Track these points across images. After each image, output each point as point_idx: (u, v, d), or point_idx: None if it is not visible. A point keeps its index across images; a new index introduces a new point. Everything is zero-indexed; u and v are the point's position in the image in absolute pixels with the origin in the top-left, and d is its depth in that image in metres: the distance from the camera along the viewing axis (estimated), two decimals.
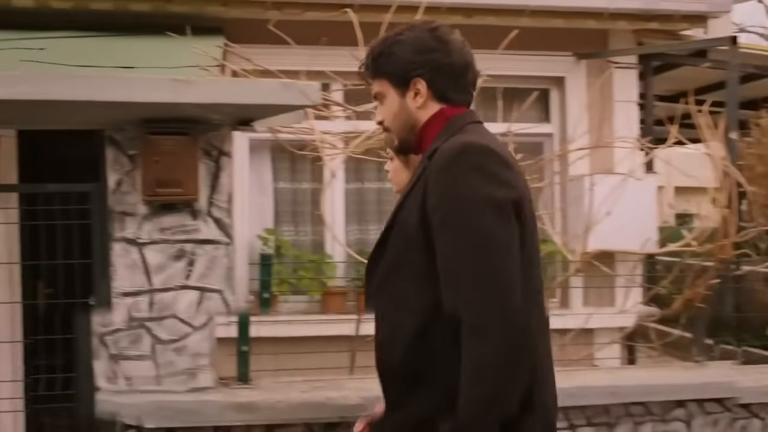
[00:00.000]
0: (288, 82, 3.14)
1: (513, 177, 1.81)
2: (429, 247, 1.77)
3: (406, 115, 1.96)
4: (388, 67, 1.95)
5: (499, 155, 1.82)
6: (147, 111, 3.18)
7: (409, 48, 1.92)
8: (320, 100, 3.19)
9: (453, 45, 1.94)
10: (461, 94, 1.96)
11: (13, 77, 2.96)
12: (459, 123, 1.91)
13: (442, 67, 1.91)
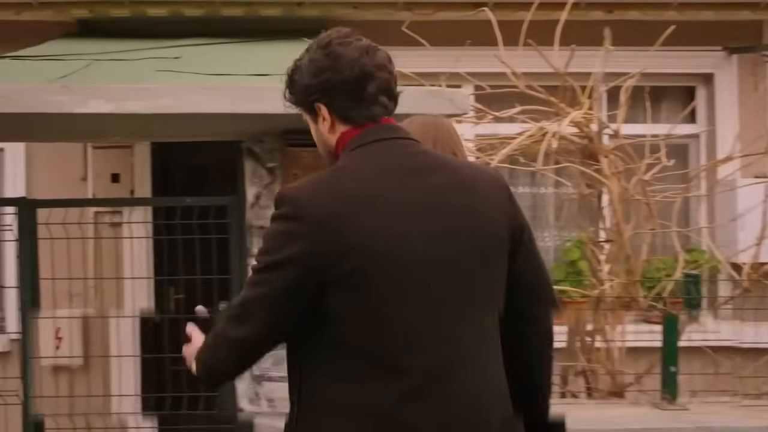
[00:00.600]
0: (436, 90, 2.94)
1: (298, 230, 1.65)
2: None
3: (322, 141, 1.87)
4: (295, 96, 1.87)
5: (294, 204, 1.68)
6: (287, 122, 3.03)
7: (306, 73, 1.81)
8: (469, 108, 2.97)
9: (345, 59, 1.78)
10: (364, 110, 1.80)
11: (153, 90, 2.89)
12: (349, 148, 1.79)
13: (335, 87, 1.78)
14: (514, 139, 4.20)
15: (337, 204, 1.66)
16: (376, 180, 1.73)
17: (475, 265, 1.74)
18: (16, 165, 5.61)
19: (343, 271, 1.63)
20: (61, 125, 3.15)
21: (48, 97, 2.87)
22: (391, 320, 1.66)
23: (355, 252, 1.63)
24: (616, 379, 3.84)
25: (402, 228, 1.68)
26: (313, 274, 1.63)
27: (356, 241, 1.64)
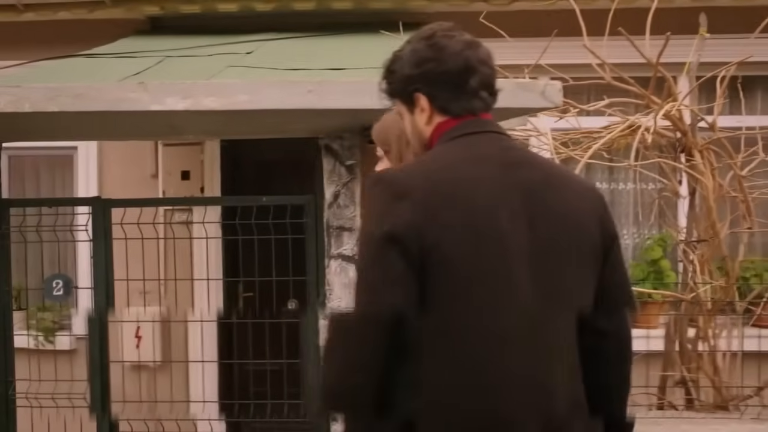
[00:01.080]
0: (525, 82, 2.77)
1: (403, 209, 1.64)
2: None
3: (418, 132, 1.87)
4: (394, 86, 1.88)
5: (396, 184, 1.69)
6: (369, 118, 2.90)
7: (406, 63, 1.82)
8: (561, 102, 2.79)
9: (449, 50, 1.79)
10: (464, 102, 1.80)
11: (231, 86, 2.78)
12: (445, 138, 1.80)
13: (438, 78, 1.80)
14: (598, 133, 4.01)
15: (433, 186, 1.67)
16: (473, 169, 1.72)
17: (565, 263, 1.72)
18: (88, 163, 5.62)
19: (438, 252, 1.62)
20: (136, 123, 3.08)
21: (124, 95, 2.79)
22: (479, 311, 1.64)
23: (449, 234, 1.63)
24: (722, 390, 3.60)
25: (495, 216, 1.67)
26: (413, 251, 1.61)
27: (452, 225, 1.63)
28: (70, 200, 4.30)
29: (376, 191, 1.70)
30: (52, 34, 5.27)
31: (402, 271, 1.61)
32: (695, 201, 3.90)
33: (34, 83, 2.88)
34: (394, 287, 1.61)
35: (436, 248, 1.62)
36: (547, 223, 1.71)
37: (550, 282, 1.70)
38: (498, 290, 1.65)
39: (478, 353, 1.64)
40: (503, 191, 1.70)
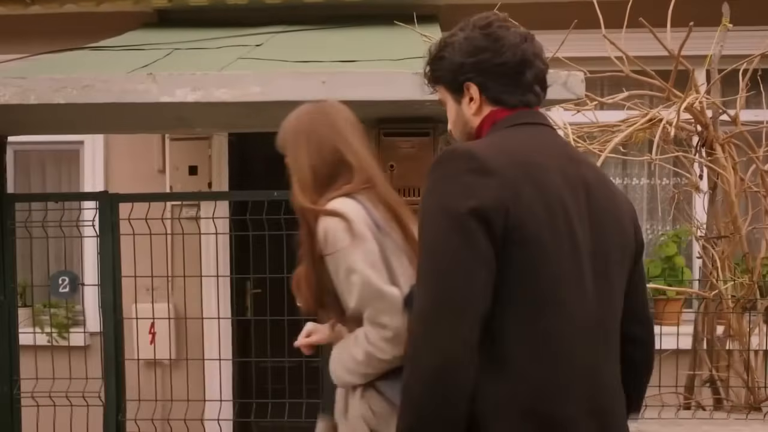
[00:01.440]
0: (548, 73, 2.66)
1: (488, 184, 1.58)
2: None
3: (463, 121, 1.82)
4: (441, 72, 1.83)
5: (478, 159, 1.60)
6: (384, 110, 2.82)
7: (458, 51, 1.78)
8: (583, 93, 2.70)
9: (506, 42, 1.75)
10: (519, 95, 1.77)
11: (243, 77, 2.70)
12: (500, 126, 1.75)
13: (493, 69, 1.75)
14: (616, 126, 3.91)
15: (514, 164, 1.62)
16: (544, 157, 1.68)
17: (617, 266, 1.72)
18: (95, 158, 5.55)
19: (519, 232, 1.57)
20: (144, 115, 3.00)
21: (133, 86, 2.71)
22: (562, 303, 1.61)
23: (530, 215, 1.58)
24: (754, 390, 3.51)
25: (566, 205, 1.64)
26: (497, 229, 1.56)
27: (531, 204, 1.59)
28: (76, 195, 4.22)
29: (454, 164, 1.61)
30: (59, 27, 5.19)
31: (488, 249, 1.55)
32: (716, 196, 3.80)
33: (39, 75, 2.80)
34: (482, 268, 1.55)
35: (519, 228, 1.57)
36: (603, 222, 1.69)
37: (605, 283, 1.68)
38: (573, 284, 1.62)
39: (559, 349, 1.61)
40: (571, 183, 1.67)
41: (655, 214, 5.90)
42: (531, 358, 1.59)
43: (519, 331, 1.59)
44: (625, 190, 5.89)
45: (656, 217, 5.91)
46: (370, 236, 1.99)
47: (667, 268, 5.47)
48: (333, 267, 2.00)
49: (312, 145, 2.15)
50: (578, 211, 1.66)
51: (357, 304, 1.97)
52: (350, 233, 1.96)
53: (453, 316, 1.53)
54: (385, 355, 1.95)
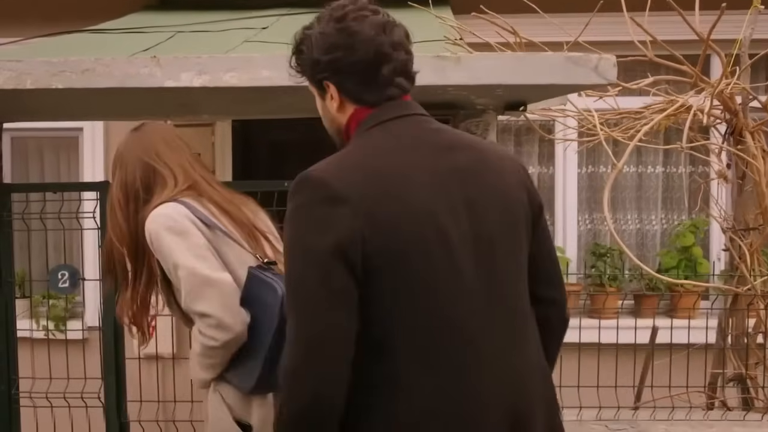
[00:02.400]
0: (577, 56, 2.51)
1: (339, 215, 1.55)
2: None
3: (330, 117, 1.79)
4: (302, 67, 1.79)
5: (329, 187, 1.57)
6: None
7: (315, 46, 1.71)
8: (615, 77, 2.54)
9: (360, 36, 1.67)
10: (378, 92, 1.71)
11: (254, 60, 2.53)
12: (364, 126, 1.71)
13: (347, 68, 1.69)
14: (640, 113, 3.75)
15: (369, 184, 1.58)
16: (403, 157, 1.65)
17: (507, 244, 1.70)
18: (94, 145, 5.39)
19: (380, 257, 1.55)
20: (147, 101, 2.83)
21: (136, 70, 2.54)
22: (428, 309, 1.59)
23: (391, 235, 1.56)
24: None
25: (434, 207, 1.61)
26: (356, 261, 1.54)
27: (391, 223, 1.56)
28: (76, 185, 4.06)
29: (306, 195, 1.58)
30: (57, 9, 5.03)
31: (348, 284, 1.54)
32: (744, 186, 3.64)
33: (36, 58, 2.63)
34: (341, 306, 1.54)
35: (380, 253, 1.55)
36: (485, 204, 1.67)
37: (499, 264, 1.67)
38: (449, 284, 1.60)
39: (449, 353, 1.60)
40: (439, 179, 1.64)
41: (671, 203, 5.75)
42: (423, 372, 1.58)
43: (407, 349, 1.58)
44: (639, 179, 5.74)
45: (671, 206, 5.76)
46: (194, 230, 2.15)
47: (683, 259, 5.33)
48: (165, 267, 2.17)
49: (125, 165, 2.34)
50: (450, 207, 1.62)
51: (185, 297, 2.10)
52: (172, 231, 2.13)
53: (315, 355, 1.52)
54: (215, 342, 2.07)
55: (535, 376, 1.73)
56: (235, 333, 2.08)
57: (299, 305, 1.55)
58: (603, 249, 5.40)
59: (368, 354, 1.57)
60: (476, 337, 1.62)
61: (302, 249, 1.55)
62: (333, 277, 1.53)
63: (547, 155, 5.64)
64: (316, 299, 1.53)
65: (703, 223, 5.36)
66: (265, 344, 2.09)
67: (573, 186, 5.55)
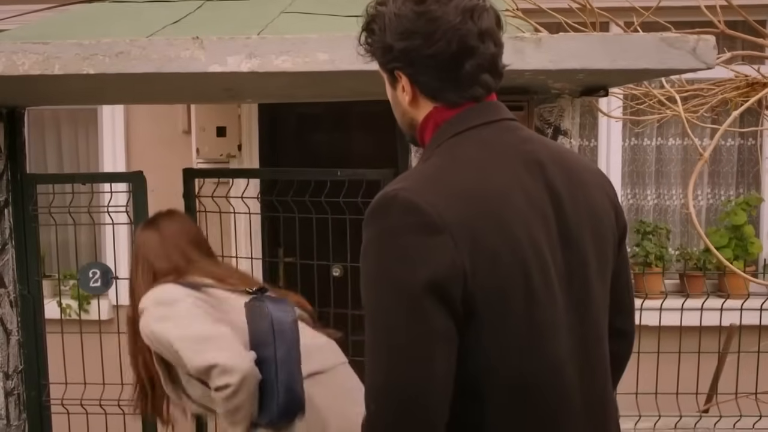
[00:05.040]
0: (673, 38, 2.23)
1: (438, 246, 1.33)
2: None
3: (401, 109, 1.57)
4: (372, 48, 1.55)
5: (422, 211, 1.35)
6: None
7: (387, 28, 1.47)
8: (714, 61, 2.25)
9: (442, 24, 1.43)
10: (460, 91, 1.49)
11: (308, 42, 2.25)
12: (445, 133, 1.49)
13: (424, 60, 1.46)
14: (711, 89, 3.47)
15: (467, 208, 1.38)
16: (499, 175, 1.45)
17: (599, 271, 1.53)
18: (114, 118, 5.13)
19: (482, 295, 1.36)
20: (189, 86, 2.56)
21: (176, 53, 2.26)
22: (529, 352, 1.42)
23: (493, 269, 1.37)
24: None
25: (535, 235, 1.42)
26: (456, 298, 1.34)
27: (493, 255, 1.37)
28: (106, 176, 3.80)
29: (393, 219, 1.36)
30: None
31: (447, 324, 1.34)
32: None
33: (63, 39, 2.35)
34: (438, 348, 1.33)
35: (481, 291, 1.36)
36: (578, 227, 1.49)
37: (593, 297, 1.51)
38: (548, 324, 1.43)
39: (544, 401, 1.44)
40: (536, 201, 1.45)
41: (718, 178, 5.47)
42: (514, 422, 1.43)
43: (500, 395, 1.42)
44: (685, 152, 5.46)
45: (718, 181, 5.48)
46: (182, 296, 2.21)
47: (734, 238, 5.07)
48: (166, 354, 2.21)
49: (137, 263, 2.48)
50: (548, 234, 1.45)
51: (188, 362, 2.09)
52: (159, 303, 2.22)
53: (406, 408, 1.33)
54: (228, 388, 2.05)
55: (614, 416, 1.60)
56: (243, 371, 2.05)
57: (383, 348, 1.35)
58: (648, 227, 5.14)
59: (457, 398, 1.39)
60: (572, 383, 1.47)
61: (390, 282, 1.34)
62: (429, 316, 1.32)
63: (588, 127, 5.35)
64: (407, 342, 1.33)
65: (755, 200, 5.09)
66: (272, 373, 2.11)
67: (617, 160, 5.28)
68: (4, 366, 2.93)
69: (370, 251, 1.39)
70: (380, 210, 1.39)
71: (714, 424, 3.13)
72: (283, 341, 2.15)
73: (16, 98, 2.82)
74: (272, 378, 2.10)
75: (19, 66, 2.28)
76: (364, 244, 1.41)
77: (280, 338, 2.15)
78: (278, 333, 2.15)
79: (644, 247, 5.05)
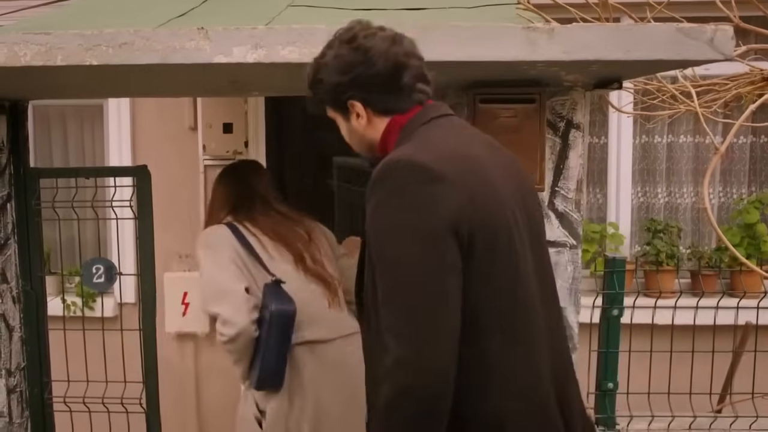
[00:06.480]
0: (689, 28, 2.17)
1: (445, 192, 1.59)
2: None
3: (358, 136, 1.85)
4: (322, 95, 1.86)
5: (425, 167, 1.60)
6: (481, 72, 2.33)
7: (332, 70, 1.80)
8: (732, 52, 2.19)
9: (375, 50, 1.76)
10: (406, 98, 1.79)
11: (315, 32, 2.20)
12: (411, 128, 1.76)
13: (370, 81, 1.77)
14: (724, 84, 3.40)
15: (458, 164, 1.64)
16: (471, 146, 1.74)
17: (544, 240, 1.88)
18: (120, 114, 5.08)
19: (479, 234, 1.60)
20: (194, 78, 2.51)
21: (181, 43, 2.22)
22: (509, 289, 1.66)
23: (485, 214, 1.62)
24: None
25: (508, 193, 1.70)
26: (463, 237, 1.58)
27: (485, 202, 1.63)
28: (110, 170, 3.74)
29: (402, 177, 1.59)
30: None
31: (458, 260, 1.57)
32: None
33: (65, 29, 2.30)
34: (455, 281, 1.57)
35: (479, 231, 1.60)
36: (530, 198, 1.82)
37: (544, 256, 1.82)
38: (521, 266, 1.68)
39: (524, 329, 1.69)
40: (502, 169, 1.74)
41: (729, 176, 5.40)
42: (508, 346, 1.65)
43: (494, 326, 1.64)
44: (696, 149, 5.39)
45: (730, 179, 5.41)
46: (225, 246, 2.60)
47: (746, 236, 5.00)
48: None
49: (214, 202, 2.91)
50: (514, 196, 1.72)
51: (203, 300, 2.53)
52: (204, 246, 2.64)
53: (438, 334, 1.54)
54: (223, 337, 2.47)
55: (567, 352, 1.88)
56: (239, 327, 2.42)
57: (409, 287, 1.55)
58: (660, 225, 5.08)
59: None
60: (537, 316, 1.72)
61: (410, 229, 1.56)
62: (447, 252, 1.56)
63: (598, 124, 5.28)
64: (432, 275, 1.54)
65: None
66: (261, 344, 2.46)
67: (627, 158, 5.20)
68: (7, 363, 2.89)
69: (386, 205, 1.60)
70: (387, 173, 1.61)
71: (730, 424, 3.06)
72: (276, 329, 2.49)
73: (19, 90, 2.77)
74: (258, 348, 2.51)
75: (21, 57, 2.23)
76: (373, 206, 1.61)
77: (276, 327, 2.48)
78: (275, 325, 2.49)
79: (655, 246, 4.98)
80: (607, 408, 3.14)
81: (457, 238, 1.57)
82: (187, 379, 5.12)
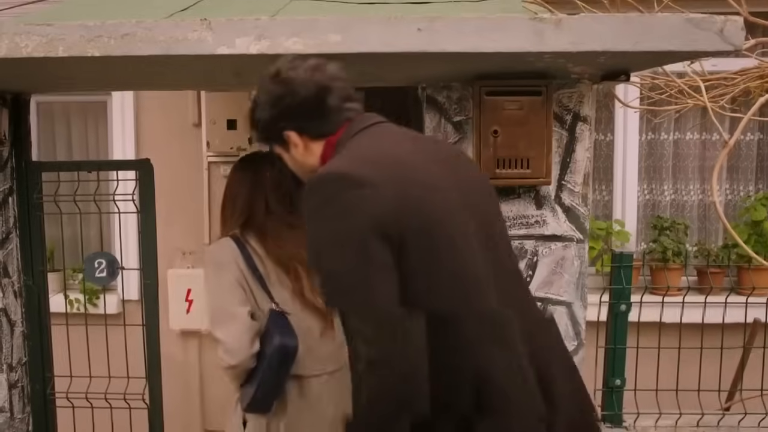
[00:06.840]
0: (699, 19, 2.14)
1: (369, 196, 1.64)
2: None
3: (299, 165, 1.94)
4: (261, 132, 1.97)
5: (349, 177, 1.66)
6: (488, 64, 2.30)
7: (264, 106, 1.91)
8: (742, 43, 2.16)
9: (297, 81, 1.86)
10: (335, 119, 1.87)
11: (320, 23, 2.17)
12: (341, 143, 1.85)
13: (297, 110, 1.87)
14: (732, 79, 3.37)
15: (383, 168, 1.70)
16: (401, 148, 1.81)
17: (498, 221, 1.95)
18: (124, 110, 5.07)
19: (411, 233, 1.64)
20: (197, 70, 2.49)
21: (183, 34, 2.19)
22: (453, 274, 1.69)
23: (417, 212, 1.67)
24: None
25: (444, 185, 1.75)
26: (393, 237, 1.62)
27: (415, 200, 1.67)
28: (112, 163, 3.72)
29: (329, 189, 1.65)
30: None
31: (389, 257, 1.61)
32: None
33: (68, 21, 2.28)
34: (389, 279, 1.61)
35: (411, 226, 1.64)
36: (475, 187, 1.87)
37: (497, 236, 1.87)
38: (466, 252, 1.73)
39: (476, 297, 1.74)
40: (439, 164, 1.79)
41: (737, 173, 5.36)
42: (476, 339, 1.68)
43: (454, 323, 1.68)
44: (703, 146, 5.36)
45: (737, 176, 5.37)
46: (233, 265, 2.48)
47: (753, 234, 4.96)
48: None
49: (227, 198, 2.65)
50: (454, 186, 1.78)
51: (210, 322, 2.47)
52: (214, 263, 2.51)
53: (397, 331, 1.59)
54: (223, 363, 2.44)
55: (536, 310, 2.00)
56: (238, 360, 2.41)
57: (349, 290, 1.61)
58: (666, 222, 5.04)
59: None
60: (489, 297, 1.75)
61: (340, 235, 1.62)
62: (377, 253, 1.60)
63: (604, 121, 5.25)
64: (365, 277, 1.60)
65: None
66: (259, 372, 2.42)
67: (634, 155, 5.17)
68: (8, 358, 2.87)
69: (314, 221, 1.67)
70: (315, 187, 1.69)
71: (738, 422, 3.03)
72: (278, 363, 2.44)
73: (21, 83, 2.75)
74: (257, 374, 2.45)
75: (22, 48, 2.21)
76: (306, 219, 1.69)
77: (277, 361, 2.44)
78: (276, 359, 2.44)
79: (662, 243, 4.94)
80: (614, 405, 3.11)
81: (388, 238, 1.62)
82: (191, 375, 5.11)
